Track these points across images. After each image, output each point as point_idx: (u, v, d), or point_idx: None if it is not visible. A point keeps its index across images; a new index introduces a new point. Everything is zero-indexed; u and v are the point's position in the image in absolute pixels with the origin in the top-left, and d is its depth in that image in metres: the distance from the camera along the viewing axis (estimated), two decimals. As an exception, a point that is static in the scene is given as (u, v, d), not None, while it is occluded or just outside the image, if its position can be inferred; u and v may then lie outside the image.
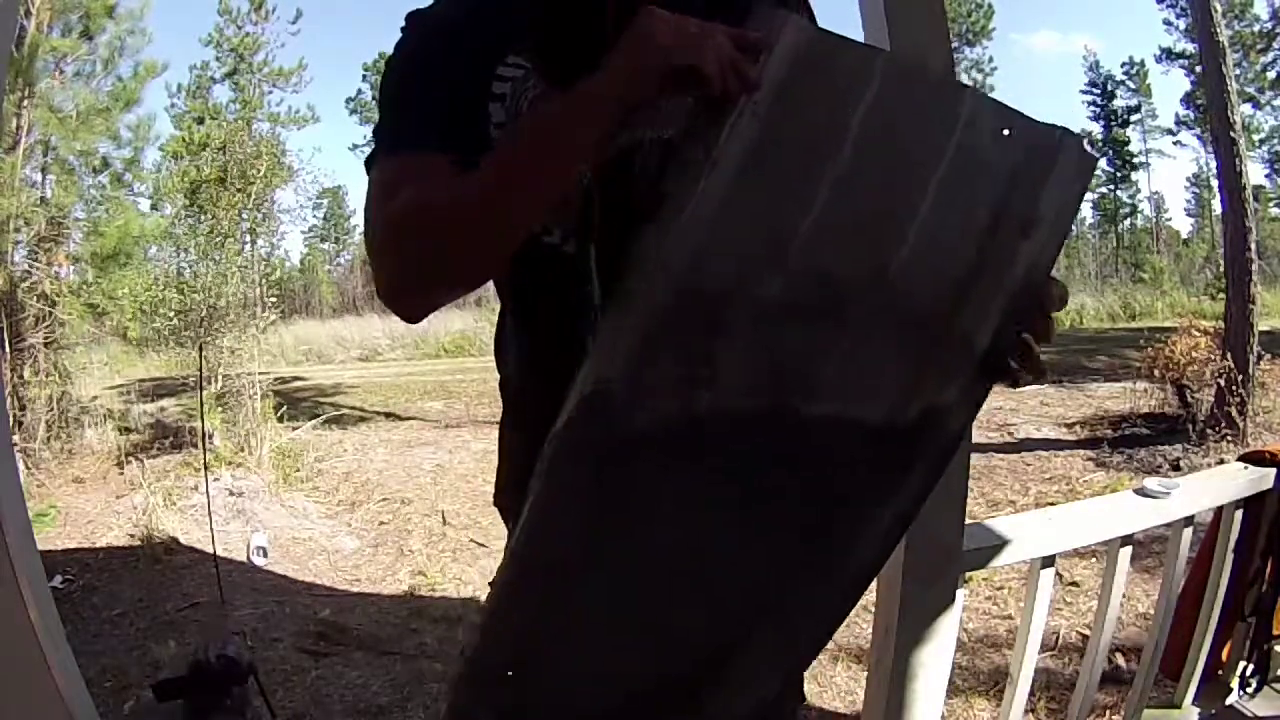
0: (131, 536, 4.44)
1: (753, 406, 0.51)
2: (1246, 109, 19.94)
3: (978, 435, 4.93)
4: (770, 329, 0.50)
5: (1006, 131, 0.53)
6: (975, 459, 1.60)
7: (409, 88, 0.73)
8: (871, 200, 0.52)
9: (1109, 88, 25.15)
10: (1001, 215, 0.53)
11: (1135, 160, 25.57)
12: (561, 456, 0.53)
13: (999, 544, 1.25)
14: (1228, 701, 1.70)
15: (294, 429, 6.85)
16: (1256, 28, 20.58)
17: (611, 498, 0.53)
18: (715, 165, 0.50)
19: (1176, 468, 5.18)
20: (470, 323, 14.05)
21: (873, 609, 1.22)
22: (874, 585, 1.20)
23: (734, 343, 0.50)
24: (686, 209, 0.50)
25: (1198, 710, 1.66)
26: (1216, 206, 12.50)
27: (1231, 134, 5.94)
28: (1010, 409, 7.07)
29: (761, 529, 0.53)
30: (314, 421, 7.48)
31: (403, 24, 0.75)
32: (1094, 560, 3.39)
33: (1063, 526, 1.35)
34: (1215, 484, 1.57)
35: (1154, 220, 26.27)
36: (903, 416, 0.53)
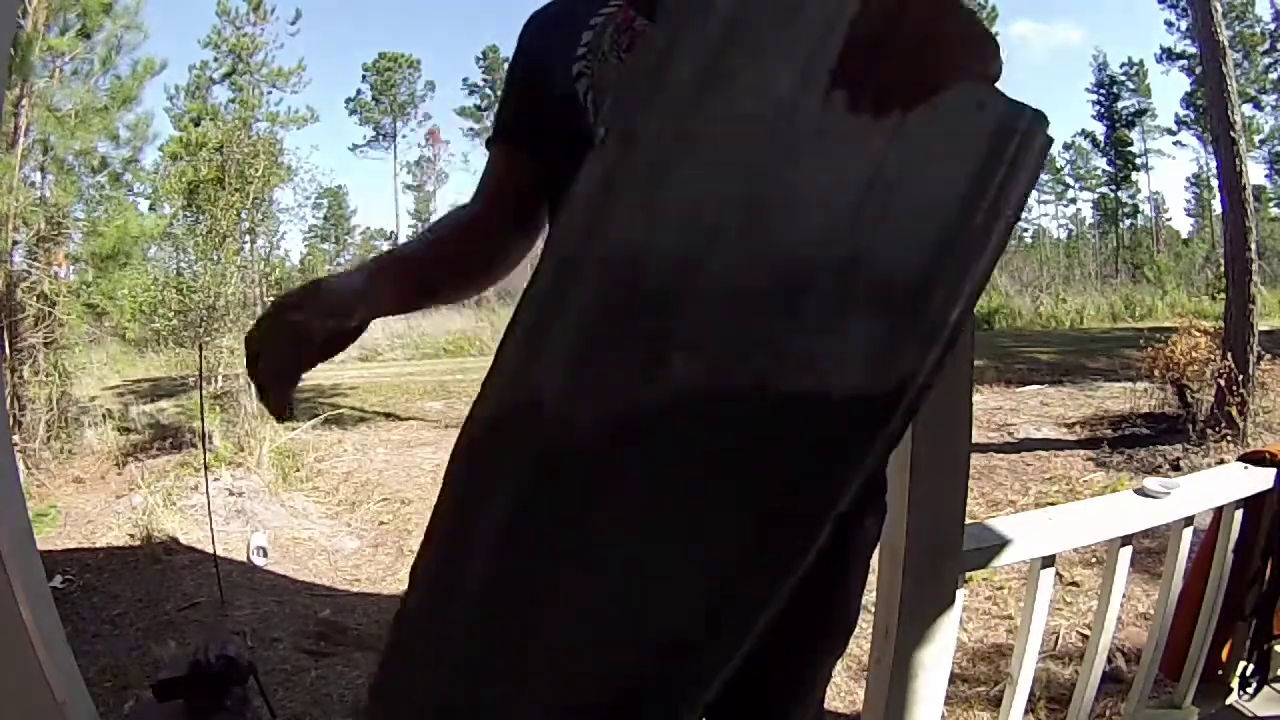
0: (131, 536, 4.44)
1: (717, 386, 0.45)
2: (1247, 109, 19.97)
3: (978, 435, 4.91)
4: (727, 312, 0.45)
5: (981, 104, 0.48)
6: (975, 459, 1.59)
7: (505, 85, 0.90)
8: (835, 162, 0.45)
9: (1114, 89, 25.17)
10: (978, 189, 0.47)
11: (1136, 160, 25.60)
12: (483, 463, 0.49)
13: (999, 544, 1.25)
14: (1228, 701, 1.70)
15: (293, 429, 6.84)
16: (1258, 28, 20.61)
17: (541, 513, 0.48)
18: (629, 138, 0.43)
19: (1176, 468, 5.17)
20: (470, 323, 14.04)
21: (873, 609, 1.22)
22: (874, 585, 1.21)
23: (683, 330, 0.44)
24: (616, 189, 0.44)
25: (1198, 710, 1.66)
26: (1216, 206, 12.48)
27: (1232, 134, 5.93)
28: (1010, 409, 7.06)
29: (697, 534, 0.48)
30: (314, 421, 7.47)
31: None
32: (1094, 560, 3.39)
33: (1063, 526, 1.35)
34: (1215, 484, 1.57)
35: (1154, 220, 26.29)
36: (880, 387, 0.46)
